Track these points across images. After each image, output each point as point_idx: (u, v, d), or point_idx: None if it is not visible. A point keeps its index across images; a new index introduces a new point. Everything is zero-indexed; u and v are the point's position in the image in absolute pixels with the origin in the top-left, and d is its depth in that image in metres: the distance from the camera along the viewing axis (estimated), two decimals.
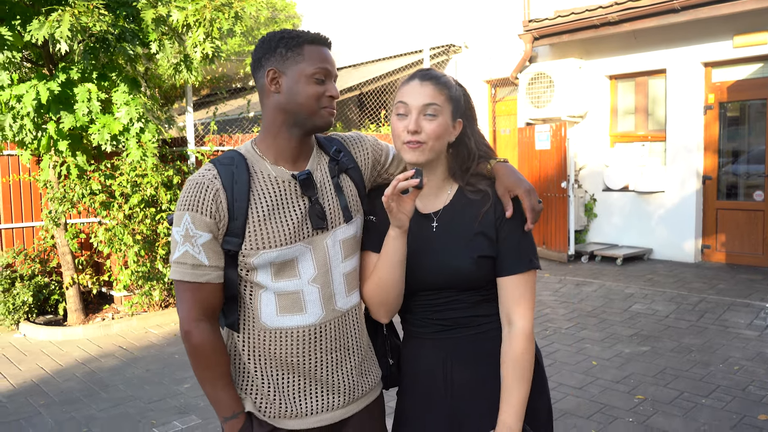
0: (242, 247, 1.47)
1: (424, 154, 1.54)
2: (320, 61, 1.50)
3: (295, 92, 1.49)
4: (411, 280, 1.57)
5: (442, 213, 1.62)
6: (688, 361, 4.52)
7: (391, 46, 10.76)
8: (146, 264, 5.74)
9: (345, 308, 1.58)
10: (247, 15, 5.56)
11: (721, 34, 7.24)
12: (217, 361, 1.51)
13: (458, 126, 1.60)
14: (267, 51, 1.51)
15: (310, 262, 1.53)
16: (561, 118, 8.33)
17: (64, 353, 5.26)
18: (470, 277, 1.55)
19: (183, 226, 1.46)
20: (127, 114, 5.22)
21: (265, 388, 1.55)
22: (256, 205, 1.48)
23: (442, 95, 1.54)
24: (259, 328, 1.54)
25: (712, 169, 7.73)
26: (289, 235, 1.49)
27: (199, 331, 1.48)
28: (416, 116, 1.53)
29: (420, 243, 1.59)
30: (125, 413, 3.99)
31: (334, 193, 1.58)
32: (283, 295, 1.52)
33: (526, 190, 1.56)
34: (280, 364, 1.54)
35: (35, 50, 5.53)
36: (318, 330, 1.54)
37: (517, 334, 1.54)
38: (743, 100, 7.51)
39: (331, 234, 1.56)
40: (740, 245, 7.54)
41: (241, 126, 8.42)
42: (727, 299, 5.98)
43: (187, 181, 1.51)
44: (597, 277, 7.18)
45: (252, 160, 1.53)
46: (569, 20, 7.94)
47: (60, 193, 5.66)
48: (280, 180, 1.52)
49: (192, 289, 1.47)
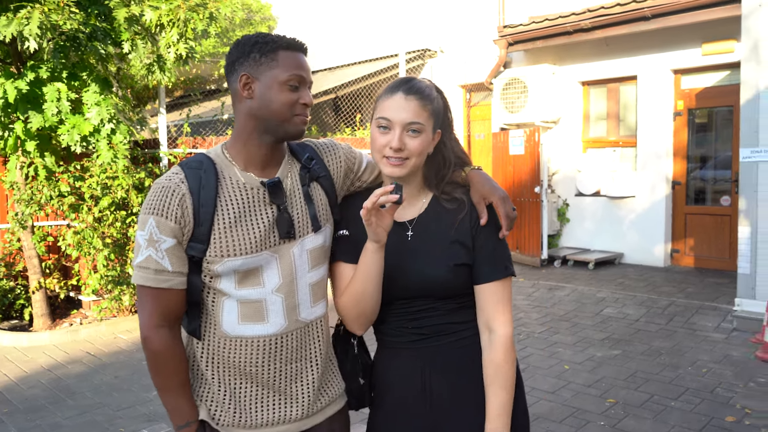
0: (206, 254, 1.45)
1: (406, 169, 1.53)
2: (294, 67, 1.47)
3: (267, 99, 1.46)
4: (386, 288, 1.55)
5: (417, 221, 1.61)
6: (658, 364, 4.59)
7: (367, 50, 10.77)
8: (116, 268, 5.63)
9: (309, 319, 1.56)
10: (222, 16, 5.51)
11: (690, 42, 7.40)
12: (176, 369, 1.49)
13: (437, 137, 1.60)
14: (241, 55, 1.48)
15: (275, 271, 1.50)
16: (535, 124, 8.42)
17: (29, 359, 5.13)
18: (446, 285, 1.55)
19: (147, 230, 1.43)
20: (97, 114, 5.12)
21: (220, 396, 1.53)
22: (223, 211, 1.46)
23: (425, 111, 1.53)
24: (220, 336, 1.51)
25: (681, 175, 7.88)
26: (255, 243, 1.47)
27: (158, 337, 1.46)
28: (399, 133, 1.51)
29: (395, 251, 1.57)
30: (93, 421, 3.90)
31: (304, 202, 1.55)
32: (246, 304, 1.49)
33: (501, 197, 1.57)
34: (238, 372, 1.52)
35: (3, 48, 5.40)
36: (279, 340, 1.51)
37: (498, 342, 1.54)
38: (711, 106, 7.68)
39: (299, 243, 1.53)
40: (708, 249, 7.70)
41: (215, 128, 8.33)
42: (695, 302, 6.10)
43: (154, 183, 1.48)
44: (569, 282, 7.26)
45: (221, 164, 1.50)
46: (543, 26, 8.04)
47: (27, 194, 5.52)
48: (248, 186, 1.49)
49: (154, 295, 1.44)
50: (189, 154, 6.37)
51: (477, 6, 9.30)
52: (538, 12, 8.46)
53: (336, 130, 10.40)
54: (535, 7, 8.62)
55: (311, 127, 9.30)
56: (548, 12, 8.23)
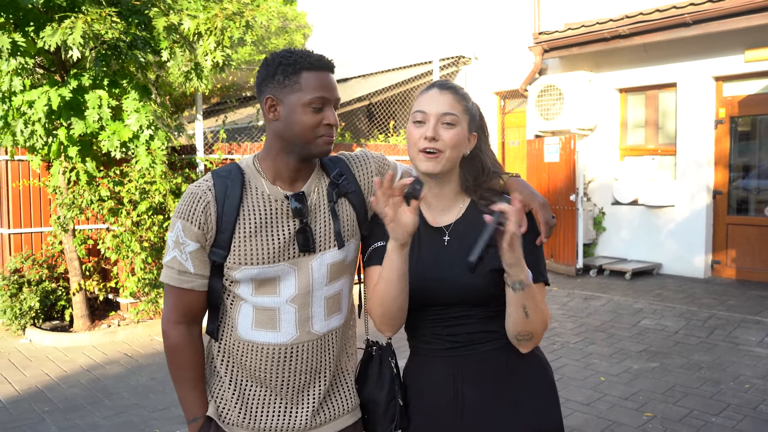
0: (227, 260, 1.50)
1: (440, 163, 1.52)
2: (317, 89, 1.47)
3: (291, 122, 1.48)
4: (421, 295, 1.54)
5: (453, 226, 1.60)
6: (697, 378, 4.46)
7: (400, 57, 10.79)
8: (153, 271, 5.73)
9: (322, 332, 1.57)
10: (258, 24, 5.58)
11: (732, 49, 7.21)
12: (189, 364, 1.57)
13: (473, 139, 1.60)
14: (266, 76, 1.50)
15: (292, 282, 1.52)
16: (570, 131, 8.30)
17: (69, 359, 5.26)
18: (482, 291, 1.53)
19: (175, 233, 1.51)
20: (137, 121, 5.24)
21: (228, 395, 1.58)
22: (245, 221, 1.49)
23: (460, 105, 1.54)
24: (235, 338, 1.56)
25: (723, 184, 7.67)
26: (273, 254, 1.49)
27: (176, 332, 1.55)
28: (434, 123, 1.51)
29: (431, 257, 1.56)
30: (129, 421, 3.97)
31: (329, 218, 1.56)
32: (261, 310, 1.52)
33: (541, 204, 1.56)
34: (250, 375, 1.56)
35: (48, 56, 5.57)
36: (289, 350, 1.53)
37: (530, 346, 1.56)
38: (754, 114, 7.46)
39: (319, 257, 1.54)
40: (751, 261, 7.46)
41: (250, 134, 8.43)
42: (737, 316, 5.91)
43: (186, 189, 1.54)
44: (605, 292, 7.12)
45: (250, 175, 1.54)
46: (579, 33, 7.93)
47: (69, 198, 5.67)
48: (272, 198, 1.52)
49: (176, 293, 1.53)
50: (225, 159, 6.46)
51: (512, 13, 9.24)
52: (574, 18, 8.36)
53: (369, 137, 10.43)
54: (571, 13, 8.52)
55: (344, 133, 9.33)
56: (584, 18, 8.12)
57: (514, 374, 1.56)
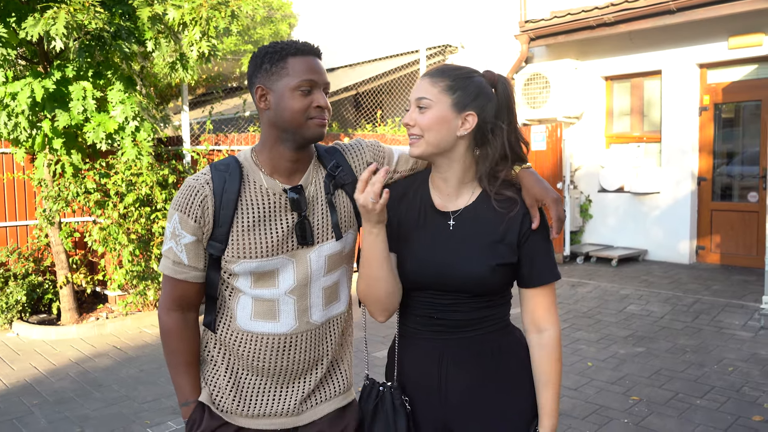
0: (225, 253, 1.51)
1: (420, 147, 1.53)
2: (304, 72, 1.48)
3: (281, 108, 1.49)
4: (419, 275, 1.55)
5: (461, 213, 1.57)
6: (683, 362, 4.53)
7: (387, 46, 10.75)
8: (141, 263, 5.71)
9: (320, 321, 1.59)
10: (244, 14, 5.55)
11: (717, 36, 7.27)
12: (182, 350, 1.59)
13: (469, 119, 1.52)
14: (255, 68, 1.52)
15: (290, 274, 1.54)
16: (557, 119, 8.35)
17: (57, 353, 5.23)
18: (484, 283, 1.53)
19: (172, 224, 1.53)
20: (122, 112, 5.19)
21: (223, 383, 1.60)
22: (243, 214, 1.51)
23: (435, 88, 1.52)
24: (234, 329, 1.57)
25: (707, 171, 7.75)
26: (271, 247, 1.51)
27: (169, 318, 1.58)
28: (412, 110, 1.54)
29: (434, 240, 1.56)
30: (119, 413, 3.97)
31: (327, 210, 1.58)
32: (260, 302, 1.54)
33: (554, 199, 1.54)
34: (245, 364, 1.58)
35: (30, 47, 5.50)
36: (288, 339, 1.55)
37: (551, 342, 1.57)
38: (738, 101, 7.54)
39: (317, 249, 1.56)
40: (735, 246, 7.57)
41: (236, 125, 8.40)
42: (721, 300, 6.00)
43: (185, 180, 1.55)
44: (592, 278, 7.19)
45: (248, 168, 1.55)
46: (565, 21, 7.95)
47: (54, 191, 5.62)
48: (271, 192, 1.53)
49: (171, 283, 1.56)
50: (212, 151, 6.43)
51: (498, 1, 9.24)
52: (559, 7, 8.37)
53: (357, 127, 10.41)
54: (557, 1, 8.53)
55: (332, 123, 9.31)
56: (570, 6, 8.13)
57: (499, 359, 1.58)
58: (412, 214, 1.60)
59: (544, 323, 1.57)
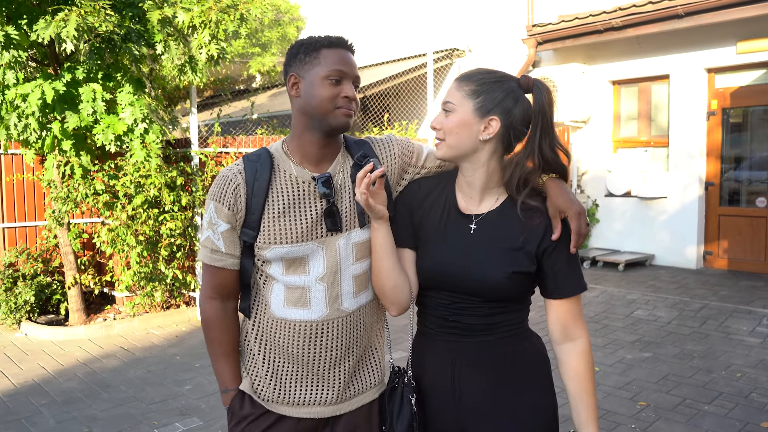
0: (257, 240, 1.57)
1: (442, 150, 1.56)
2: (335, 63, 1.55)
3: (311, 95, 1.55)
4: (435, 275, 1.57)
5: (484, 217, 1.57)
6: (690, 367, 4.52)
7: (394, 50, 10.77)
8: (148, 265, 5.74)
9: (351, 309, 1.62)
10: (252, 17, 5.57)
11: (725, 40, 7.25)
12: (221, 338, 1.66)
13: (490, 123, 1.51)
14: (291, 58, 1.60)
15: (320, 261, 1.58)
16: (564, 123, 8.34)
17: (65, 353, 5.26)
18: (500, 289, 1.52)
19: (208, 213, 1.60)
20: (131, 114, 5.22)
21: (263, 371, 1.64)
22: (273, 201, 1.56)
23: (460, 92, 1.53)
24: (269, 316, 1.62)
25: (715, 175, 7.73)
26: (301, 233, 1.56)
27: (209, 307, 1.65)
28: (439, 113, 1.57)
29: (455, 243, 1.57)
30: (126, 414, 3.98)
31: (353, 198, 1.62)
32: (292, 289, 1.59)
33: (577, 212, 1.50)
34: (282, 352, 1.62)
35: (41, 50, 5.54)
36: (320, 326, 1.59)
37: (582, 351, 1.57)
38: (746, 106, 7.52)
39: (345, 236, 1.60)
40: (743, 252, 7.54)
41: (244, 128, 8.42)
42: (729, 306, 5.98)
43: (219, 172, 1.64)
44: (599, 283, 7.17)
45: (279, 158, 1.61)
46: (573, 25, 7.95)
47: (63, 192, 5.66)
48: (300, 180, 1.59)
49: (210, 271, 1.64)
50: (220, 153, 6.45)
51: (505, 5, 9.24)
52: (567, 11, 8.38)
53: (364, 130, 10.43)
54: (564, 5, 8.54)
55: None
56: (578, 11, 8.14)
57: (513, 364, 1.58)
58: (436, 213, 1.62)
59: (574, 332, 1.57)
